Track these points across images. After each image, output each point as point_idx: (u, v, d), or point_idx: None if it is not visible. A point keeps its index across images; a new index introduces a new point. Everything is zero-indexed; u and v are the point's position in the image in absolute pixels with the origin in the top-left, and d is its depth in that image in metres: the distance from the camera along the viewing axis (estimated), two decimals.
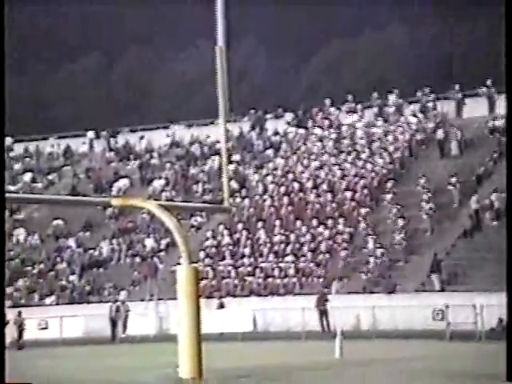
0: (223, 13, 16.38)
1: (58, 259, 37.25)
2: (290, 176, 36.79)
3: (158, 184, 40.35)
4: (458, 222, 32.17)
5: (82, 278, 35.91)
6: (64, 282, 35.85)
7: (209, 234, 35.06)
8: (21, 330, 29.28)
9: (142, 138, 44.77)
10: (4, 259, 31.51)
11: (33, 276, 36.55)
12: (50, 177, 44.42)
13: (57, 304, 34.59)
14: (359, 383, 12.88)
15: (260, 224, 34.33)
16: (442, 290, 28.95)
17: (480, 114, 37.48)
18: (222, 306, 30.92)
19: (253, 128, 41.87)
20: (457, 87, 38.08)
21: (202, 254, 33.50)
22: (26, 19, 52.07)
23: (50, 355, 21.57)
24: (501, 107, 37.23)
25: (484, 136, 36.36)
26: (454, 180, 33.37)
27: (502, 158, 34.62)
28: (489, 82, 37.48)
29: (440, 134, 36.71)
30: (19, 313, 29.89)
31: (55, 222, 39.53)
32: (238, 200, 35.87)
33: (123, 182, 41.55)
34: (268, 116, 42.61)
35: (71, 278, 36.00)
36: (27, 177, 44.24)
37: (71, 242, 38.25)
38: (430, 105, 38.37)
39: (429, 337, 23.97)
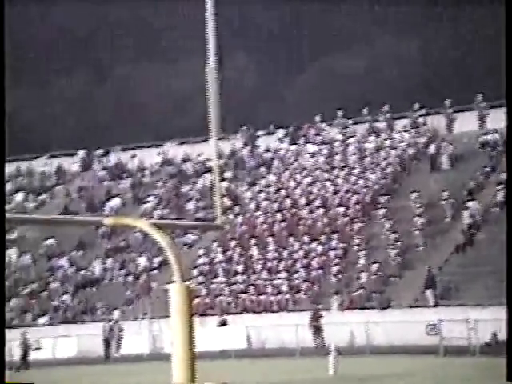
0: (214, 31, 16.40)
1: (51, 279, 37.12)
2: (283, 192, 36.80)
3: (150, 202, 40.32)
4: (451, 237, 32.20)
5: (75, 297, 35.78)
6: (57, 302, 35.71)
7: (202, 251, 35.00)
8: (26, 350, 29.23)
9: (133, 156, 44.76)
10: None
11: (25, 296, 36.40)
12: (42, 196, 44.33)
13: (50, 324, 34.43)
14: None
15: (253, 241, 34.30)
16: (436, 305, 28.93)
17: (470, 129, 37.64)
18: (224, 323, 30.71)
19: (245, 145, 41.94)
20: (447, 102, 38.24)
21: (195, 272, 33.44)
22: (12, 36, 51.94)
23: (44, 376, 21.41)
24: (491, 122, 37.42)
25: (474, 150, 36.48)
26: (445, 194, 33.44)
27: (492, 172, 34.76)
28: (479, 98, 37.66)
29: (431, 148, 36.83)
30: (24, 333, 29.89)
31: (47, 242, 39.41)
32: (231, 217, 35.84)
33: (115, 201, 41.49)
34: (260, 133, 42.69)
35: (64, 297, 35.86)
36: (19, 196, 44.14)
37: (64, 262, 38.12)
38: (421, 120, 38.52)
39: (423, 352, 23.92)
